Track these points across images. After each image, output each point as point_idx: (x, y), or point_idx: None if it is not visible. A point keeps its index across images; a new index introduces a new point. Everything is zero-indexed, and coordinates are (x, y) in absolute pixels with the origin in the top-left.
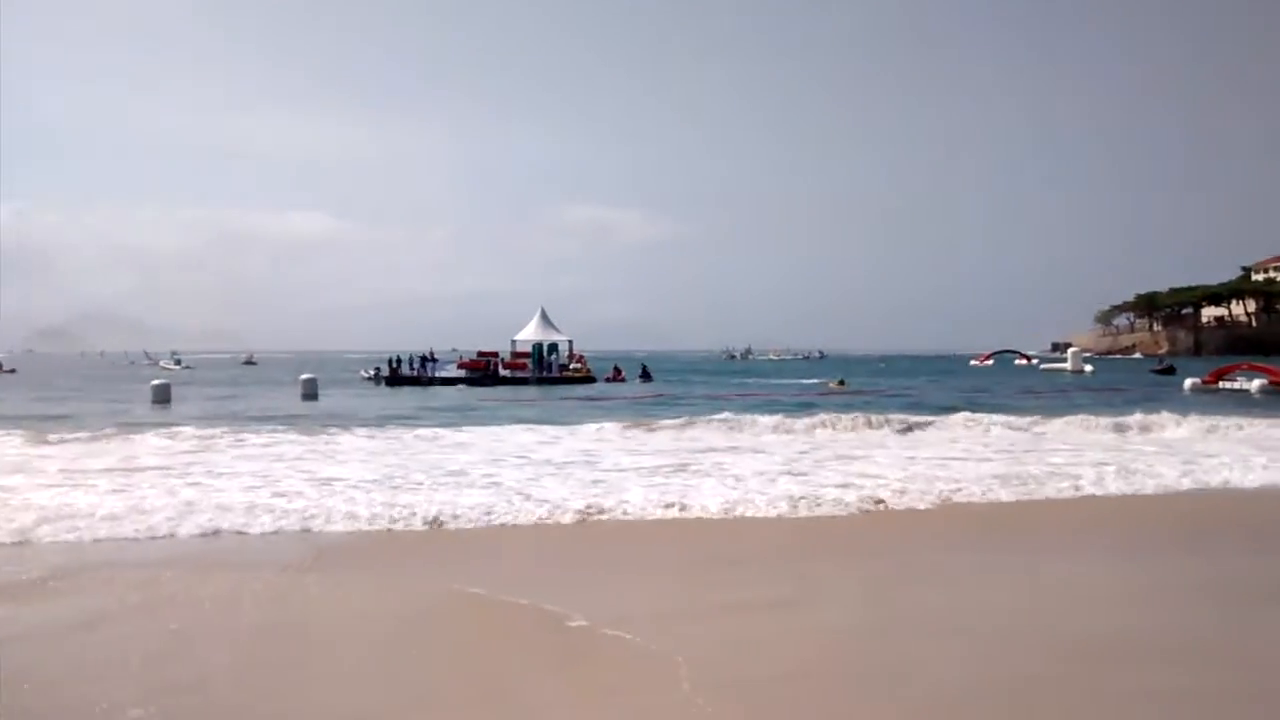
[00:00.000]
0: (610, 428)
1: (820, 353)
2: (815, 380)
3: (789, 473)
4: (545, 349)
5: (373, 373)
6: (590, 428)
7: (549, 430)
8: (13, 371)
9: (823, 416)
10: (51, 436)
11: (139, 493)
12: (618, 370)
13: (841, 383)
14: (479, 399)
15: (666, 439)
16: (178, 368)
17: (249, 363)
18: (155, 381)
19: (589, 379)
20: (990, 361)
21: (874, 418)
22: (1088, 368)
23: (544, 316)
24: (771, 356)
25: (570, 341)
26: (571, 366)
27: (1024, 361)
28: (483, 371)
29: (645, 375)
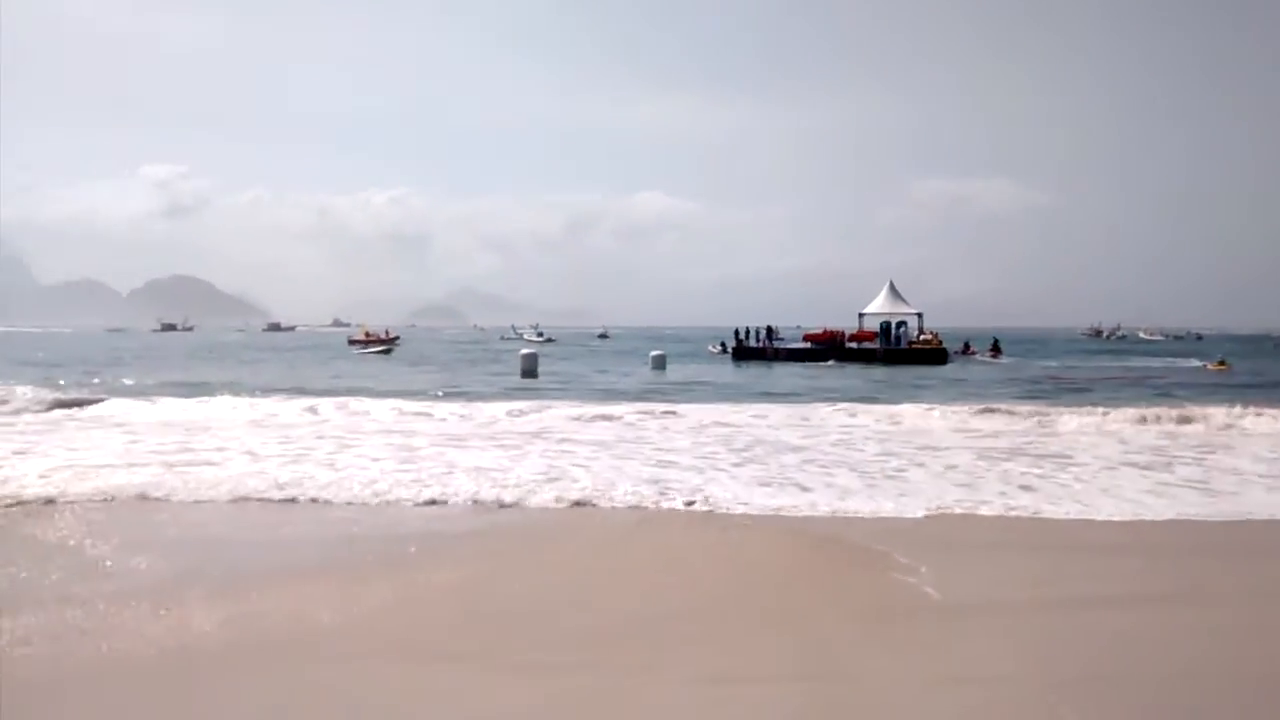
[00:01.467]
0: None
1: (1197, 334)
2: (1195, 363)
3: None
4: (894, 324)
5: (719, 347)
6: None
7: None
8: (396, 339)
9: None
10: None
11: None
12: (967, 345)
13: (1222, 363)
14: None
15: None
16: (540, 339)
17: (602, 336)
18: (524, 351)
19: (940, 353)
20: None
21: None
22: None
23: (893, 289)
24: (1142, 335)
25: (920, 315)
26: (921, 339)
27: None
28: (828, 344)
29: (995, 350)
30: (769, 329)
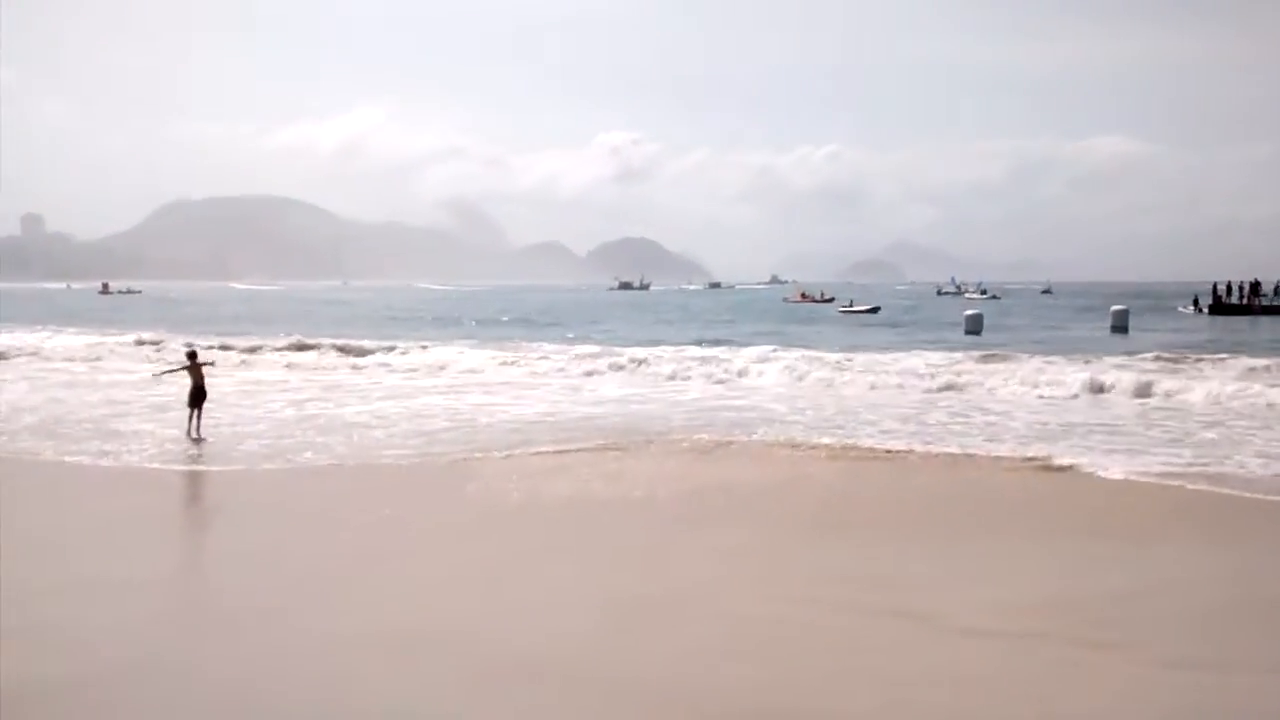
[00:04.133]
0: None
1: None
2: None
3: None
4: None
5: (1192, 305)
6: None
7: None
8: (832, 299)
9: None
10: None
11: None
12: None
13: None
14: None
15: None
16: (983, 297)
17: (1045, 292)
18: (968, 312)
19: None
20: None
21: None
22: None
23: None
24: None
25: None
26: None
27: None
28: None
29: None
30: (1254, 283)
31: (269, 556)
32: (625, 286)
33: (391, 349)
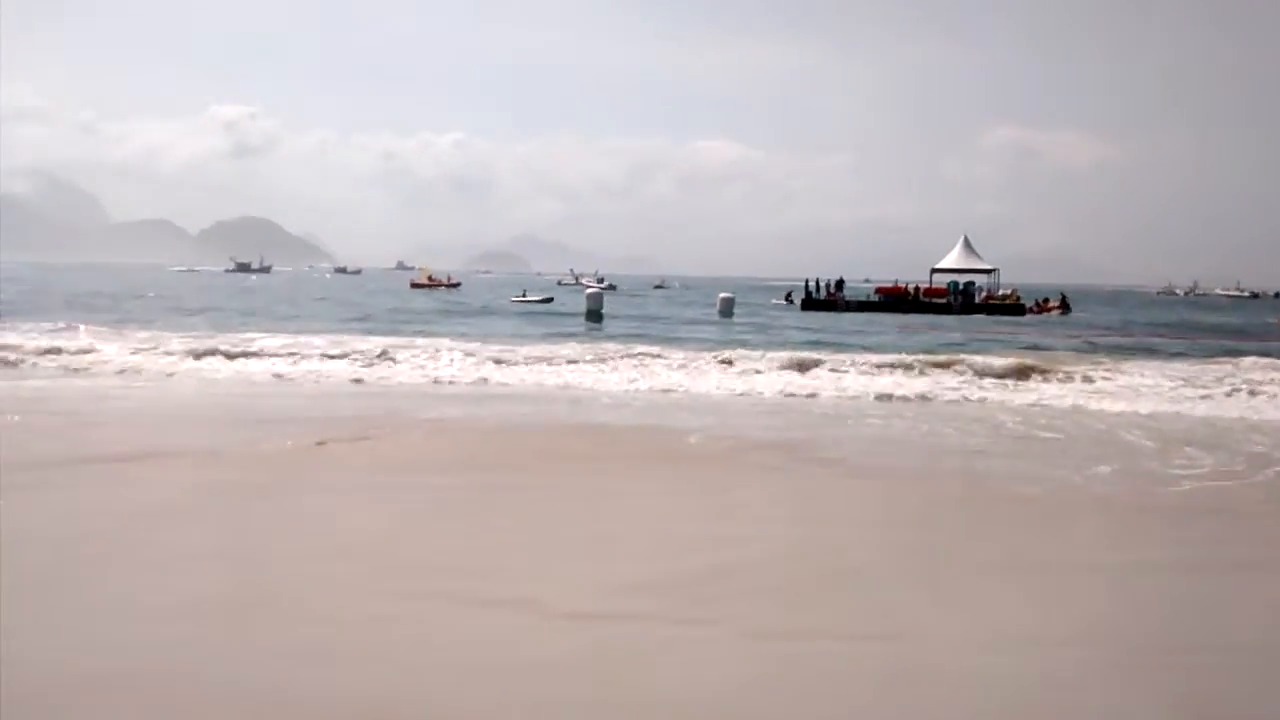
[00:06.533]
0: None
1: (1278, 293)
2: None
3: None
4: (963, 284)
5: (785, 299)
6: None
7: None
8: (458, 285)
9: None
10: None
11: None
12: (1039, 302)
13: None
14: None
15: None
16: (600, 285)
17: (659, 287)
18: (589, 292)
19: (1019, 308)
20: None
21: None
22: None
23: (967, 245)
24: (1219, 293)
25: (995, 271)
26: (999, 295)
27: None
28: (901, 298)
29: (1064, 306)
30: (839, 281)
31: None
32: (243, 269)
33: None
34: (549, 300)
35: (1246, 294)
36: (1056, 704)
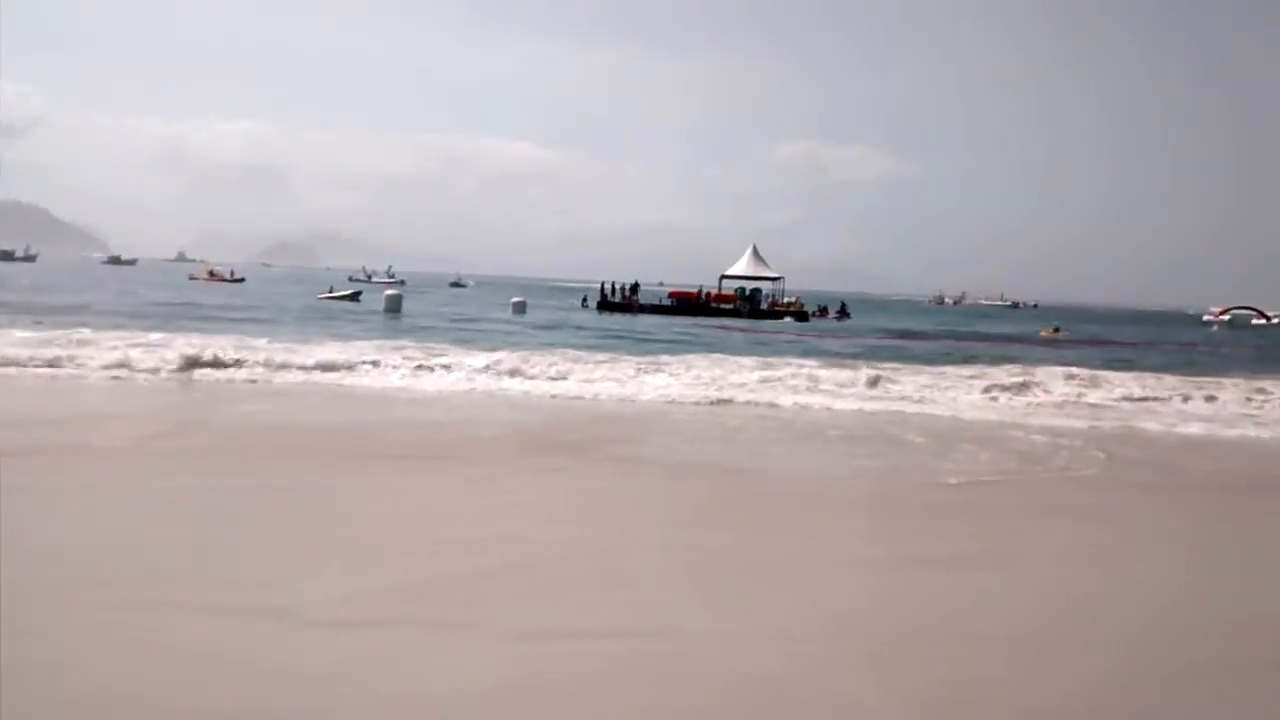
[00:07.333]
0: None
1: (1035, 304)
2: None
3: None
4: (750, 290)
5: (582, 302)
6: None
7: None
8: (242, 280)
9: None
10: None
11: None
12: (821, 309)
13: (1057, 330)
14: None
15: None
16: (389, 280)
17: (456, 285)
18: (388, 292)
19: (802, 314)
20: (1226, 317)
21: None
22: None
23: (755, 253)
24: (983, 303)
25: (781, 279)
26: (785, 302)
27: (1263, 321)
28: (692, 303)
29: (843, 313)
30: (634, 285)
31: None
32: (5, 257)
33: None
34: (357, 296)
35: (1008, 304)
36: (807, 697)
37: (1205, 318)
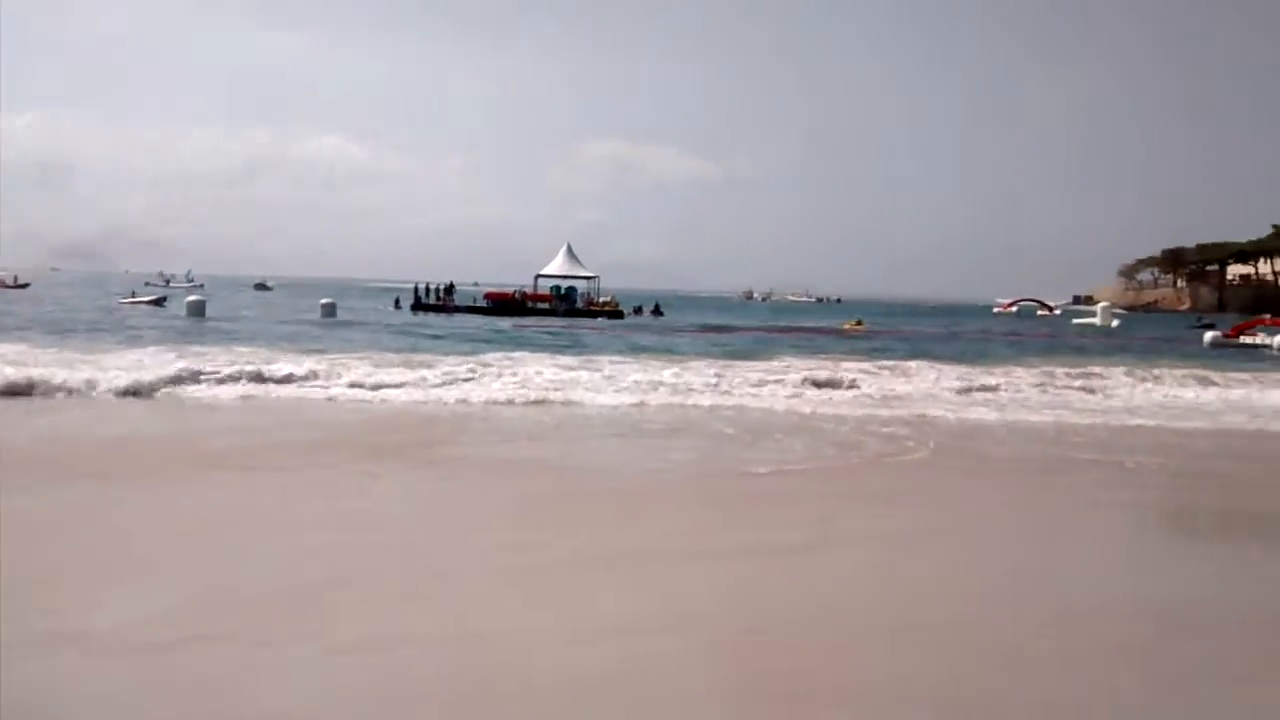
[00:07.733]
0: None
1: (839, 299)
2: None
3: None
4: (565, 289)
5: (395, 305)
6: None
7: None
8: (27, 285)
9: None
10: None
11: None
12: (638, 308)
13: (859, 323)
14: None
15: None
16: (188, 285)
17: (260, 287)
18: (190, 299)
19: (617, 313)
20: (1014, 309)
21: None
22: (1115, 322)
23: (570, 253)
24: (790, 299)
25: (596, 278)
26: (600, 301)
27: (1046, 312)
28: (508, 302)
29: (657, 311)
30: (450, 286)
31: None
32: None
33: None
34: (163, 301)
35: (814, 299)
36: (638, 692)
37: (995, 310)
